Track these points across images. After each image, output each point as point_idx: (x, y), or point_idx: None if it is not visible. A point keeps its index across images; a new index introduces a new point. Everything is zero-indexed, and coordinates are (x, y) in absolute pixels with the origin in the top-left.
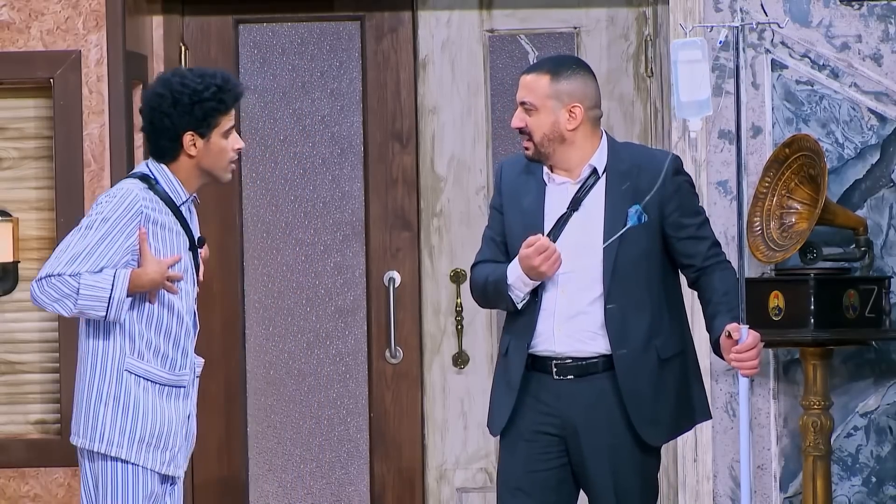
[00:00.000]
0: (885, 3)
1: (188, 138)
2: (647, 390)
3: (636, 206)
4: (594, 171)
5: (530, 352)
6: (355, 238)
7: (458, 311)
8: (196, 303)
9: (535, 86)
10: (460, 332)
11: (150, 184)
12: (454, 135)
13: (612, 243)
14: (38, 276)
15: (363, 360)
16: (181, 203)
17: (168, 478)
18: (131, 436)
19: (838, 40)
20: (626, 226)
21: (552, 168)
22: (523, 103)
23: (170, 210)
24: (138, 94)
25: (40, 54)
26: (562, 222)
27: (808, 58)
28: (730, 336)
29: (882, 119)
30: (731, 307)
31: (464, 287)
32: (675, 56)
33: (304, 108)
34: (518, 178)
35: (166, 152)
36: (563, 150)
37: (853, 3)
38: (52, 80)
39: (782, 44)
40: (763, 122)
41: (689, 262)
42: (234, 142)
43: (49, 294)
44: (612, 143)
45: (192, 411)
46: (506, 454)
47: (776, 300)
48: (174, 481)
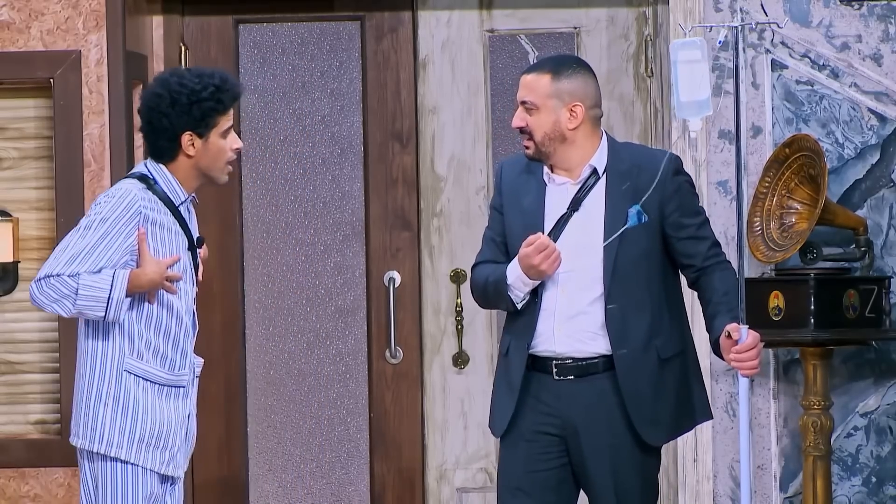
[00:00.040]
0: (885, 3)
1: (186, 138)
2: (648, 390)
3: (636, 206)
4: (594, 171)
5: (531, 352)
6: (355, 238)
7: (459, 311)
8: (195, 303)
9: (536, 85)
10: (460, 332)
11: (148, 184)
12: (454, 135)
13: (612, 243)
14: (37, 276)
15: (363, 360)
16: (180, 203)
17: (168, 478)
18: (130, 436)
19: (838, 40)
20: (626, 225)
21: (552, 168)
22: (524, 103)
23: (168, 210)
24: (138, 94)
25: (40, 54)
26: (562, 222)
27: (808, 58)
28: (730, 336)
29: (882, 119)
30: (730, 307)
31: (464, 287)
32: (675, 56)
33: (304, 108)
34: (518, 178)
35: (165, 152)
36: (563, 149)
37: (853, 3)
38: (52, 80)
39: (782, 44)
40: (763, 122)
41: (689, 262)
42: (233, 142)
43: (48, 294)
44: (612, 143)
45: (191, 411)
46: (506, 454)
47: (776, 300)
48: (174, 481)
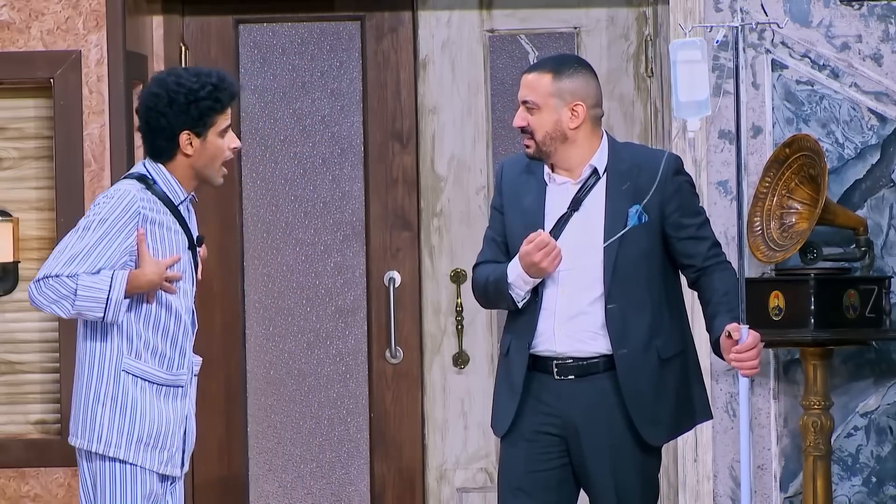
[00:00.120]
0: (886, 3)
1: (185, 137)
2: (648, 390)
3: (636, 206)
4: (595, 170)
5: (531, 352)
6: (355, 238)
7: (459, 311)
8: (195, 302)
9: (537, 84)
10: (460, 332)
11: (147, 184)
12: (454, 135)
13: (612, 243)
14: (36, 277)
15: (363, 360)
16: (179, 202)
17: (167, 477)
18: (129, 436)
19: (838, 40)
20: (626, 226)
21: (553, 168)
22: (525, 102)
23: (168, 210)
24: (138, 95)
25: (40, 54)
26: (562, 222)
27: (809, 58)
28: (730, 336)
29: (882, 119)
30: (731, 307)
31: (464, 287)
32: (675, 56)
33: (304, 108)
34: (518, 177)
35: (163, 152)
36: (564, 148)
37: (853, 3)
38: (52, 80)
39: (782, 44)
40: (763, 122)
41: (690, 262)
42: (230, 141)
43: (47, 295)
44: (612, 142)
45: (190, 411)
46: (506, 454)
47: (776, 300)
48: (174, 480)
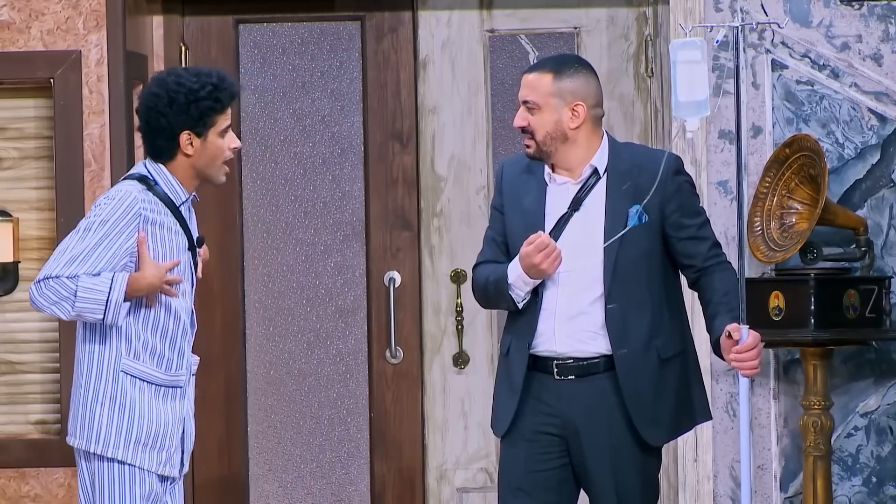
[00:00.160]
0: (886, 3)
1: (185, 137)
2: (648, 390)
3: (637, 206)
4: (595, 170)
5: (531, 352)
6: (355, 238)
7: (459, 312)
8: (194, 302)
9: (537, 84)
10: (460, 332)
11: (148, 185)
12: (454, 135)
13: (612, 243)
14: (37, 278)
15: (363, 360)
16: (181, 203)
17: (167, 477)
18: (127, 436)
19: (838, 40)
20: (626, 226)
21: (553, 167)
22: (526, 102)
23: (169, 211)
24: (138, 95)
25: (40, 54)
26: (562, 222)
27: (809, 58)
28: (730, 336)
29: (882, 119)
30: (731, 307)
31: (464, 287)
32: (674, 56)
33: (304, 108)
34: (519, 178)
35: (163, 152)
36: (565, 148)
37: (853, 3)
38: (52, 80)
39: (782, 44)
40: (763, 122)
41: (690, 262)
42: (231, 141)
43: (47, 297)
44: (612, 142)
45: (188, 410)
46: (507, 454)
47: (776, 300)
48: (174, 480)
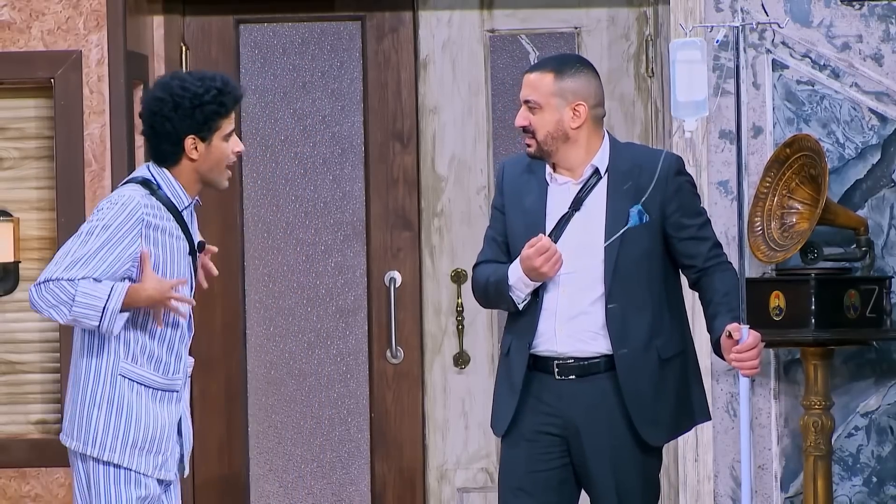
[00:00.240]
0: (886, 3)
1: (189, 142)
2: (648, 390)
3: (637, 206)
4: (596, 170)
5: (532, 352)
6: (356, 238)
7: (459, 311)
8: (192, 307)
9: (539, 84)
10: (461, 332)
11: (151, 189)
12: (455, 135)
13: (612, 243)
14: (37, 280)
15: (364, 360)
16: (183, 208)
17: (163, 480)
18: (124, 440)
19: (839, 40)
20: (626, 225)
21: (554, 167)
22: (527, 101)
23: (171, 215)
24: (139, 94)
25: (41, 54)
26: (563, 222)
27: (809, 58)
28: (730, 336)
29: (883, 119)
30: (731, 307)
31: (465, 287)
32: (674, 56)
33: (304, 108)
34: (520, 177)
35: (168, 156)
36: (566, 148)
37: (854, 3)
38: (52, 80)
39: (783, 44)
40: (764, 122)
41: (691, 262)
42: (235, 144)
43: (46, 299)
44: (613, 142)
45: (184, 412)
46: (507, 454)
47: (777, 300)
48: (170, 483)
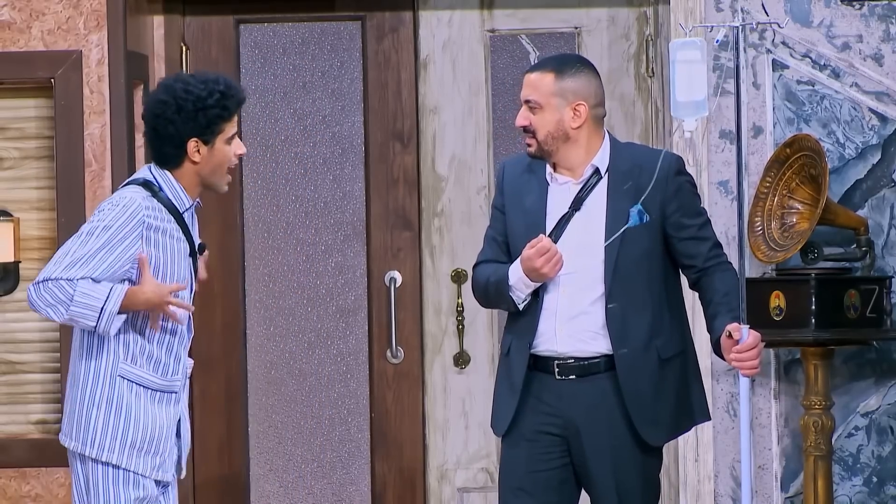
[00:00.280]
0: (886, 3)
1: (192, 145)
2: (648, 390)
3: (637, 206)
4: (596, 170)
5: (532, 352)
6: (356, 238)
7: (459, 311)
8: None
9: (539, 84)
10: (461, 331)
11: (153, 191)
12: (455, 134)
13: (613, 243)
14: (36, 280)
15: (364, 360)
16: (184, 210)
17: (161, 481)
18: (123, 441)
19: (839, 40)
20: (626, 224)
21: (555, 167)
22: (528, 101)
23: (172, 217)
24: (139, 94)
25: (41, 54)
26: (563, 222)
27: (809, 58)
28: (731, 336)
29: (883, 119)
30: (731, 307)
31: (465, 287)
32: (674, 56)
33: (305, 108)
34: (520, 177)
35: (170, 159)
36: (566, 148)
37: (854, 3)
38: (52, 80)
39: (783, 44)
40: (764, 122)
41: (691, 262)
42: (237, 147)
43: (44, 298)
44: (614, 142)
45: (182, 413)
46: (508, 454)
47: (777, 300)
48: (167, 484)
